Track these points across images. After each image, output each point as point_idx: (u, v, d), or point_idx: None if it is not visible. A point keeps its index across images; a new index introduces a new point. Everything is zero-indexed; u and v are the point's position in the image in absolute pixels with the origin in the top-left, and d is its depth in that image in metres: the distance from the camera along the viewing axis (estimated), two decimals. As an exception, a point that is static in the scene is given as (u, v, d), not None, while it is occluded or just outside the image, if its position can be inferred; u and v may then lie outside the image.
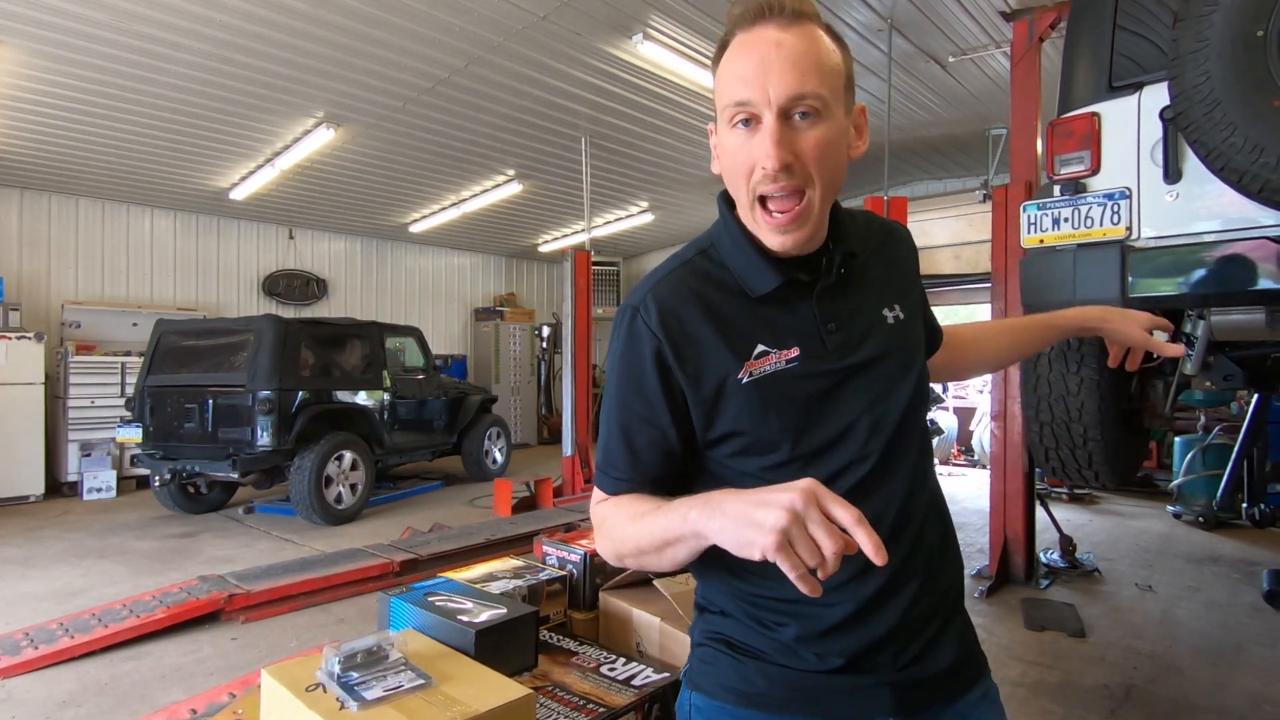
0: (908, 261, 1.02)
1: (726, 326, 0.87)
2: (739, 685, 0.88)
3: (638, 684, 1.04)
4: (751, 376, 0.85)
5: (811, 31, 0.81)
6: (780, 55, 0.78)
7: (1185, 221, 2.16)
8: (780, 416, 0.85)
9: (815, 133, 0.80)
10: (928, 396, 0.96)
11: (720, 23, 4.94)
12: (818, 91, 0.79)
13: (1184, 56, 1.82)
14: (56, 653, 3.17)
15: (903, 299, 0.96)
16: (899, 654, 0.87)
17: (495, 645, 1.00)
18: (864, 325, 0.90)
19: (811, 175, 0.81)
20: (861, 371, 0.88)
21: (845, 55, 0.85)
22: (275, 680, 0.89)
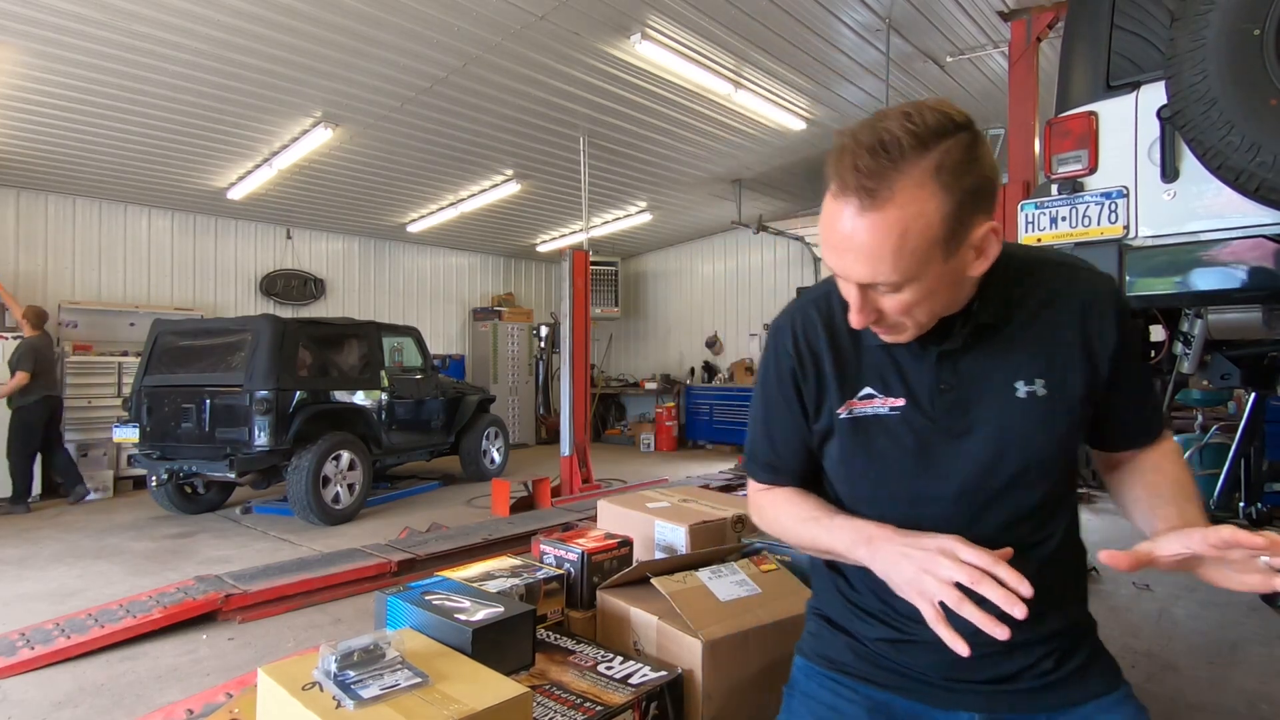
0: (1074, 336, 0.92)
1: (844, 363, 0.98)
2: (830, 654, 1.04)
3: (635, 683, 1.04)
4: (851, 414, 0.97)
5: (888, 217, 0.77)
6: (853, 245, 0.80)
7: (1182, 220, 2.16)
8: (867, 457, 0.96)
9: (899, 298, 0.83)
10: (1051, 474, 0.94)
11: (718, 22, 4.95)
12: (890, 279, 0.80)
13: (1181, 56, 1.82)
14: (53, 653, 3.15)
15: (1051, 375, 0.91)
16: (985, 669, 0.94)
17: (492, 644, 1.00)
18: (983, 393, 0.92)
19: (901, 320, 0.86)
20: (966, 436, 0.92)
21: (949, 201, 0.77)
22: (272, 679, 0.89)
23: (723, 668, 1.12)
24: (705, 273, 11.64)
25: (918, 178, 0.76)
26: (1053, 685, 0.96)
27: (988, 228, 0.82)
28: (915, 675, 0.97)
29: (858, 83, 5.98)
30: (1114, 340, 0.92)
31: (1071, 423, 0.93)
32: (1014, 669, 0.96)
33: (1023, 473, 0.92)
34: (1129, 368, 0.94)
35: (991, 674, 0.96)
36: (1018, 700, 0.95)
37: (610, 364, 12.75)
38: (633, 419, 12.12)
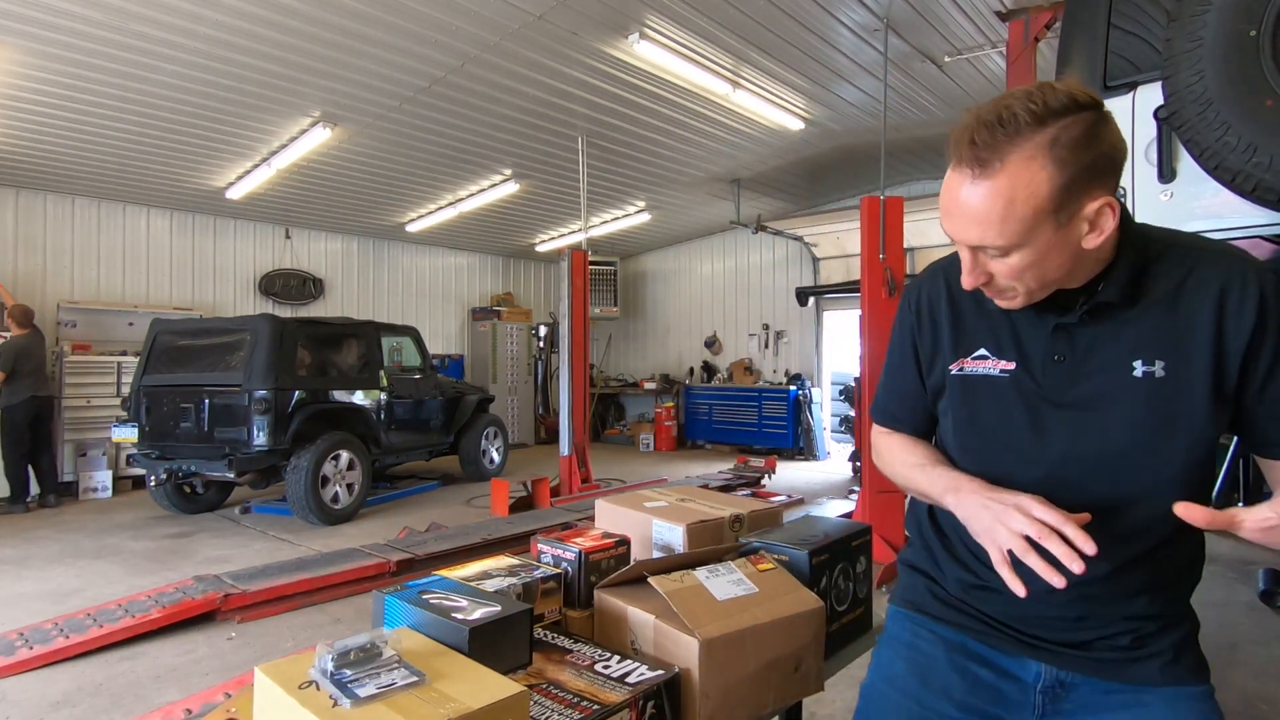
0: (1206, 321, 0.90)
1: (961, 323, 1.04)
2: (913, 598, 1.15)
3: (632, 681, 1.04)
4: (962, 371, 1.03)
5: (998, 184, 0.83)
6: (962, 210, 0.86)
7: (1179, 221, 2.16)
8: (974, 415, 1.02)
9: (1007, 261, 0.87)
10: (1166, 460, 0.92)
11: (716, 22, 4.96)
12: (996, 243, 0.85)
13: (1178, 56, 1.83)
14: (52, 653, 3.16)
15: (1173, 358, 0.90)
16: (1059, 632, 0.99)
17: (489, 643, 1.00)
18: (1098, 368, 0.94)
19: (1010, 284, 0.91)
20: (1072, 408, 0.95)
21: (1060, 174, 0.81)
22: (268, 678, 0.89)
23: (720, 666, 1.12)
24: (704, 272, 11.65)
25: (1029, 151, 0.81)
26: (1126, 661, 0.98)
27: (1102, 202, 0.84)
28: (990, 620, 1.04)
29: (856, 82, 5.98)
30: (1249, 329, 0.88)
31: (1192, 410, 0.90)
32: (1088, 638, 0.99)
33: (1128, 452, 0.92)
34: (1273, 366, 0.89)
35: (1063, 638, 1.00)
36: (1086, 665, 0.99)
37: (609, 364, 12.76)
38: (632, 419, 12.12)
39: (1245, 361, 0.89)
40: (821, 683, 1.30)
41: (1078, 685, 1.01)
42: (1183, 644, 1.00)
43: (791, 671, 1.25)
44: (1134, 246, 0.92)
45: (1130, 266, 0.92)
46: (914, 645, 1.10)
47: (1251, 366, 0.89)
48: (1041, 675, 1.02)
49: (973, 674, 1.05)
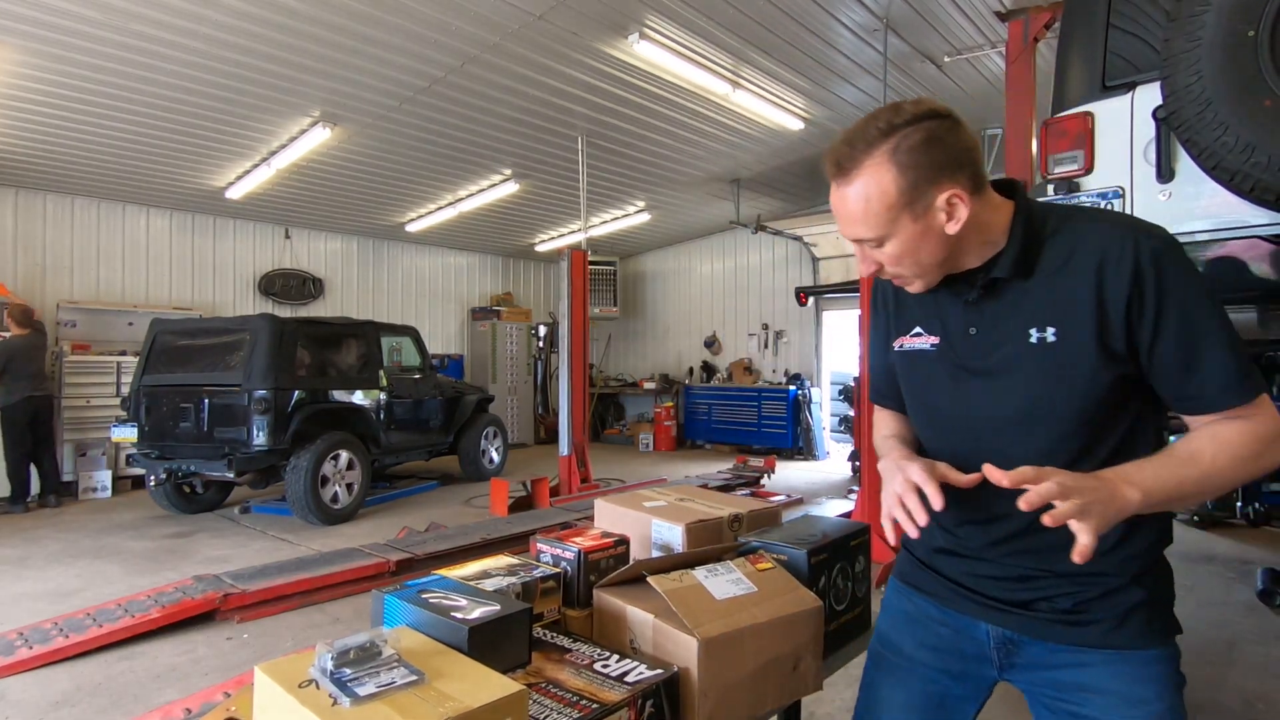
0: (1088, 289, 0.97)
1: (904, 307, 1.20)
2: (901, 567, 1.31)
3: (631, 681, 1.05)
4: (901, 348, 1.19)
5: (854, 187, 0.99)
6: (838, 213, 1.03)
7: (1178, 220, 2.16)
8: (910, 383, 1.20)
9: (885, 250, 1.02)
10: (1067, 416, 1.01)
11: (716, 22, 4.97)
12: (868, 236, 1.01)
13: (1176, 56, 1.83)
14: (51, 652, 3.16)
15: (1063, 324, 0.99)
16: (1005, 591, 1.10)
17: (489, 642, 1.00)
18: (1004, 338, 1.05)
19: (896, 270, 1.05)
20: (985, 375, 1.07)
21: (904, 176, 0.96)
22: (268, 677, 0.89)
23: (719, 665, 1.12)
24: (704, 272, 11.65)
25: (877, 159, 0.96)
26: (1066, 624, 1.06)
27: (950, 193, 0.97)
28: (951, 582, 1.18)
29: (855, 83, 5.99)
30: (1125, 290, 0.95)
31: (1081, 370, 0.98)
32: (1029, 597, 1.08)
33: (1031, 411, 1.02)
34: (1159, 321, 0.95)
35: (1010, 597, 1.10)
36: (1030, 626, 1.09)
37: (609, 364, 12.76)
38: (631, 419, 12.12)
39: (1128, 324, 0.96)
40: (820, 682, 1.30)
41: (1025, 643, 1.10)
42: (1131, 611, 1.04)
43: (790, 671, 1.25)
44: (1027, 225, 1.03)
45: (1020, 244, 1.02)
46: (899, 609, 1.27)
47: (1136, 329, 0.96)
48: (990, 634, 1.14)
49: (937, 632, 1.20)
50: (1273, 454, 0.95)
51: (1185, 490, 0.93)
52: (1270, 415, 0.95)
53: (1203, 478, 0.93)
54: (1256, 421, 0.95)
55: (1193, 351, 0.95)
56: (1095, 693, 1.04)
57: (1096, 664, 1.04)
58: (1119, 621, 1.04)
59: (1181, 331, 0.95)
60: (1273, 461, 0.95)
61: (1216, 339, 0.94)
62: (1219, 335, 0.94)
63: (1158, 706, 1.02)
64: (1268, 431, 0.95)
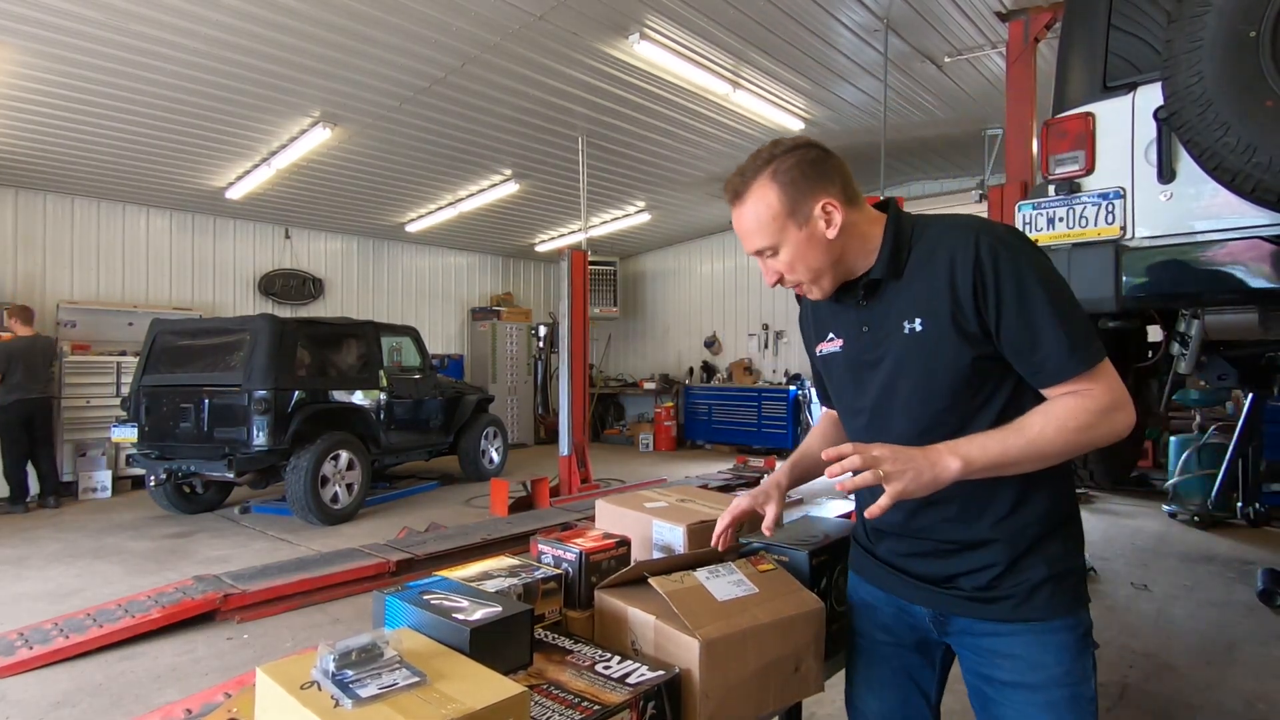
0: (943, 283, 1.12)
1: (820, 319, 1.35)
2: (851, 557, 1.42)
3: (632, 682, 1.04)
4: (821, 353, 1.35)
5: (747, 206, 1.18)
6: (740, 230, 1.22)
7: (1179, 221, 2.17)
8: (830, 383, 1.37)
9: (779, 259, 1.20)
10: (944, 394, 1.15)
11: (716, 22, 4.97)
12: (763, 245, 1.19)
13: (1177, 57, 1.83)
14: (51, 653, 3.16)
15: (926, 314, 1.14)
16: (927, 568, 1.24)
17: (490, 643, 1.00)
18: (887, 332, 1.20)
19: (795, 278, 1.22)
20: (876, 365, 1.22)
21: (784, 192, 1.15)
22: (270, 678, 0.89)
23: (720, 667, 1.12)
24: (704, 272, 11.65)
25: (762, 180, 1.16)
26: (983, 601, 1.17)
27: (825, 201, 1.15)
28: (884, 563, 1.30)
29: (856, 83, 5.99)
30: (970, 280, 1.09)
31: (948, 353, 1.12)
32: (948, 572, 1.21)
33: (914, 392, 1.17)
34: (1000, 304, 1.08)
35: (929, 573, 1.23)
36: (960, 605, 1.20)
37: (609, 364, 12.76)
38: (631, 419, 12.12)
39: (977, 310, 1.10)
40: (822, 683, 1.30)
41: (952, 617, 1.23)
42: (1036, 587, 1.15)
43: (792, 672, 1.25)
44: (894, 234, 1.18)
45: (890, 249, 1.18)
46: (857, 599, 1.38)
47: (984, 313, 1.09)
48: (924, 612, 1.26)
49: (886, 613, 1.32)
50: (1106, 424, 1.05)
51: (1010, 457, 1.04)
52: (1105, 387, 1.06)
53: (1029, 445, 1.04)
54: (1088, 396, 1.06)
55: (1031, 329, 1.07)
56: (1005, 657, 1.17)
57: (1007, 634, 1.17)
58: (1025, 597, 1.15)
59: (1019, 313, 1.07)
60: (1106, 431, 1.05)
61: (1049, 318, 1.06)
62: (1052, 313, 1.06)
63: (1056, 671, 1.14)
64: (1097, 404, 1.05)
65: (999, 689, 1.18)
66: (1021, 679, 1.15)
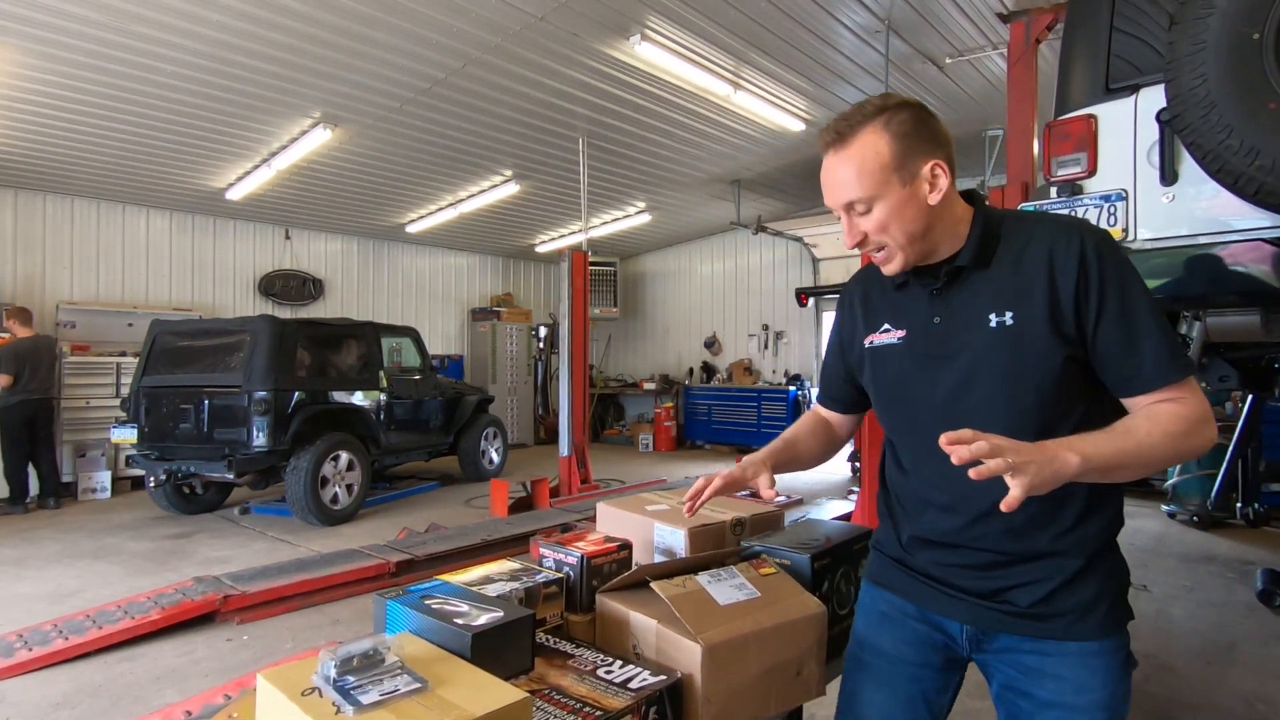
0: (1041, 277, 1.07)
1: (870, 307, 1.28)
2: (873, 571, 1.33)
3: (634, 687, 1.04)
4: (872, 344, 1.25)
5: (851, 151, 1.08)
6: (832, 178, 1.12)
7: (1181, 223, 2.16)
8: (882, 377, 1.25)
9: (872, 217, 1.10)
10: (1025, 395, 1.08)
11: (717, 23, 4.96)
12: (858, 196, 1.09)
13: (1180, 59, 1.82)
14: (51, 654, 3.15)
15: (1019, 308, 1.08)
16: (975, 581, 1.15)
17: (492, 648, 1.00)
18: (965, 325, 1.13)
19: (882, 240, 1.12)
20: (950, 359, 1.14)
21: (896, 142, 1.07)
22: (270, 684, 0.89)
23: (723, 671, 1.12)
24: (704, 273, 11.64)
25: (872, 128, 1.08)
26: (1033, 618, 1.11)
27: (934, 163, 1.08)
28: (922, 577, 1.22)
29: (856, 84, 5.98)
30: (1074, 278, 1.05)
31: (1038, 350, 1.07)
32: (997, 586, 1.13)
33: (993, 391, 1.10)
34: (1102, 304, 1.04)
35: (976, 586, 1.15)
36: (1002, 620, 1.13)
37: (609, 364, 12.75)
38: (631, 419, 12.12)
39: (1076, 308, 1.05)
40: (823, 688, 1.30)
41: (997, 634, 1.16)
42: (1092, 603, 1.11)
43: (793, 676, 1.25)
44: (984, 221, 1.13)
45: (980, 236, 1.12)
46: (873, 610, 1.30)
47: (1083, 313, 1.05)
48: (962, 628, 1.18)
49: (913, 629, 1.23)
50: (1201, 434, 1.02)
51: (1123, 459, 0.99)
52: (1198, 399, 1.04)
53: (1138, 449, 0.99)
54: (1186, 404, 1.03)
55: (1131, 334, 1.04)
56: (1050, 677, 1.11)
57: (1054, 654, 1.11)
58: (1081, 614, 1.10)
59: (1121, 316, 1.04)
60: (1202, 441, 1.02)
61: (1151, 325, 1.04)
62: (1153, 321, 1.04)
63: (1101, 694, 1.09)
64: (1195, 413, 1.03)
65: (1037, 706, 1.13)
66: (1063, 699, 1.10)
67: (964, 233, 1.13)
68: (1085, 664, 1.10)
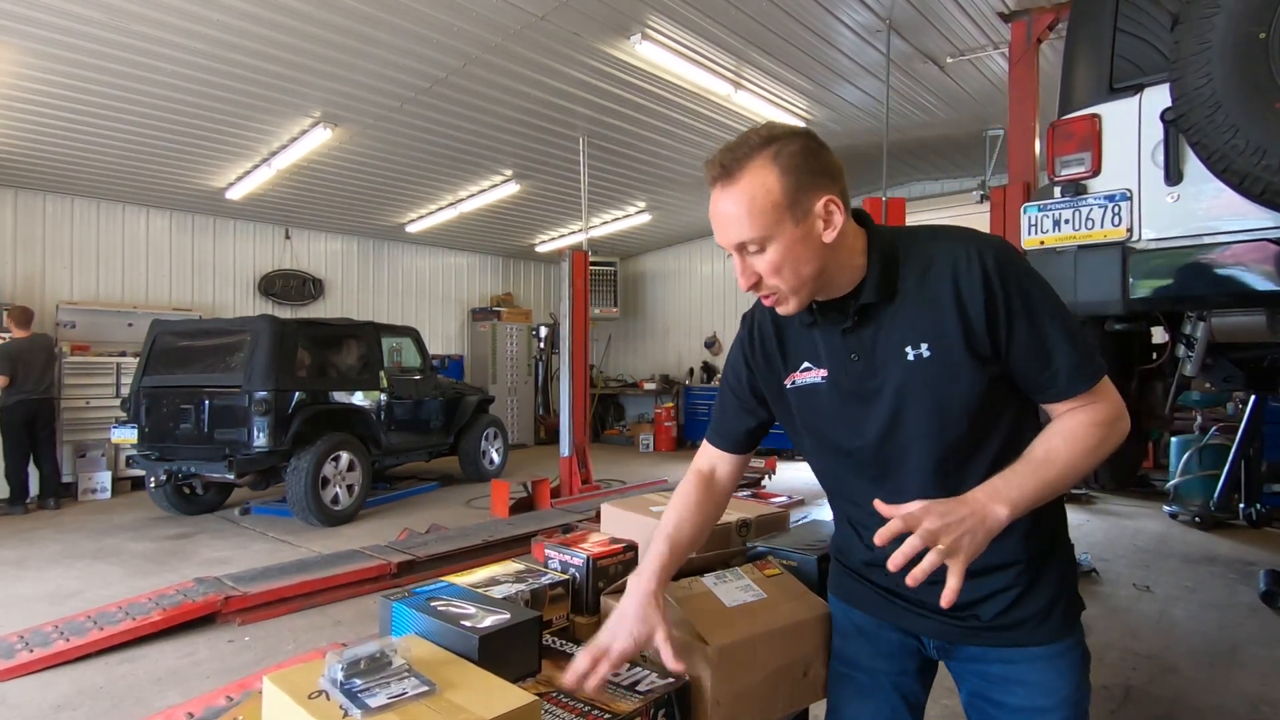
0: (949, 303, 1.04)
1: (786, 345, 1.20)
2: (835, 581, 1.30)
3: (642, 689, 1.03)
4: (794, 384, 1.19)
5: (740, 186, 1.01)
6: (718, 217, 1.05)
7: (1186, 223, 2.16)
8: (807, 417, 1.19)
9: (764, 256, 1.03)
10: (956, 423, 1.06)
11: (718, 23, 4.95)
12: (749, 237, 1.02)
13: (1185, 59, 1.82)
14: (51, 656, 3.14)
15: (933, 337, 1.05)
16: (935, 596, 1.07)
17: (499, 651, 0.99)
18: (885, 360, 1.09)
19: (774, 283, 1.05)
20: (874, 396, 1.10)
21: (786, 177, 1.00)
22: (277, 687, 0.88)
23: (731, 674, 1.11)
24: (704, 273, 11.64)
25: (760, 161, 1.00)
26: (999, 629, 1.12)
27: (827, 199, 1.02)
28: (884, 592, 1.19)
29: (857, 83, 5.98)
30: (981, 299, 1.02)
31: (964, 377, 1.05)
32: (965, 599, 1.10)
33: (923, 425, 1.07)
34: (1011, 321, 1.03)
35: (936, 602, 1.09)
36: (974, 635, 1.14)
37: (609, 364, 12.74)
38: (632, 419, 12.11)
39: (990, 328, 1.03)
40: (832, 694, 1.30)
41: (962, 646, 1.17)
42: (1050, 606, 1.12)
43: (800, 677, 1.25)
44: (880, 251, 1.08)
45: (879, 269, 1.08)
46: (846, 623, 1.27)
47: (994, 329, 1.03)
48: (928, 640, 1.20)
49: (885, 638, 1.23)
50: (1115, 433, 1.04)
51: (1048, 490, 1.00)
52: (1109, 399, 1.06)
53: (1060, 476, 1.01)
54: (1098, 410, 1.04)
55: (1042, 346, 1.03)
56: (1018, 684, 1.13)
57: (1020, 660, 1.13)
58: (1042, 619, 1.12)
59: (1030, 329, 1.03)
60: (1116, 438, 1.04)
61: (1061, 333, 1.03)
62: (1062, 329, 1.03)
63: (1066, 692, 1.12)
64: (1108, 416, 1.04)
65: (1008, 713, 1.14)
66: (1033, 704, 1.12)
67: (862, 264, 1.09)
68: (1050, 665, 1.12)
